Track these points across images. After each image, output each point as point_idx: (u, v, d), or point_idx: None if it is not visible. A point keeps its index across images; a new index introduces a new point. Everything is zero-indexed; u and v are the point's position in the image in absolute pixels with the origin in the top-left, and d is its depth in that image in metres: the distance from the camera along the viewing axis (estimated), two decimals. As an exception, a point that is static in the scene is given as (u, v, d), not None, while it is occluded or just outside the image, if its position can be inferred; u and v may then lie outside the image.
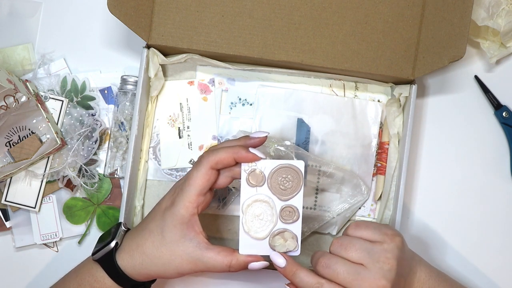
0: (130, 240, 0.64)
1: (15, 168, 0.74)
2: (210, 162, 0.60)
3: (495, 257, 0.79)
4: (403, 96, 0.75)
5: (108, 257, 0.63)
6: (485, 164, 0.80)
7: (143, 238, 0.63)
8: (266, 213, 0.62)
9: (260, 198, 0.61)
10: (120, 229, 0.66)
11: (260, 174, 0.60)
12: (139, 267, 0.62)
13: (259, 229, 0.62)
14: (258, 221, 0.62)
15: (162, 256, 0.62)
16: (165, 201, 0.63)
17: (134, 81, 0.76)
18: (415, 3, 0.72)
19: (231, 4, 0.72)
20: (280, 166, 0.60)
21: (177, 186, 0.64)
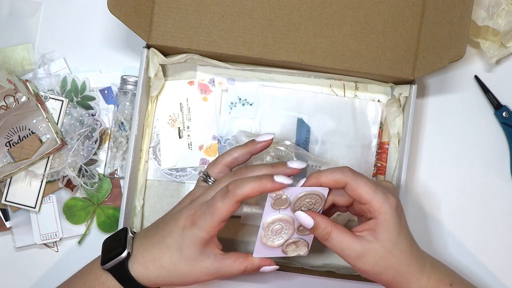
0: (144, 252, 0.62)
1: (15, 168, 0.74)
2: (238, 197, 0.59)
3: (495, 257, 0.79)
4: (403, 96, 0.75)
5: (120, 266, 0.62)
6: (485, 164, 0.80)
7: (160, 252, 0.62)
8: (285, 229, 0.63)
9: (282, 218, 0.62)
10: (129, 236, 0.64)
11: (285, 199, 0.60)
12: (154, 279, 0.62)
13: (275, 240, 0.63)
14: (276, 235, 0.63)
15: (181, 271, 0.62)
16: (184, 219, 0.62)
17: (134, 81, 0.76)
18: (415, 3, 0.72)
19: (231, 4, 0.72)
20: (306, 192, 0.60)
21: (198, 208, 0.61)
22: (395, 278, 0.60)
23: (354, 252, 0.59)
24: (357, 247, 0.59)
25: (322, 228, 0.60)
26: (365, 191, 0.58)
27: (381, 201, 0.58)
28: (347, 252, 0.60)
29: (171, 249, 0.62)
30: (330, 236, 0.60)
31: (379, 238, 0.59)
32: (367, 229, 0.59)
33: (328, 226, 0.60)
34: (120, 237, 0.64)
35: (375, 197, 0.58)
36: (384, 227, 0.59)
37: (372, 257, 0.59)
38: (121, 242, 0.63)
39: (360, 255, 0.59)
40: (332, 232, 0.60)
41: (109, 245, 0.65)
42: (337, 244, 0.60)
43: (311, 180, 0.60)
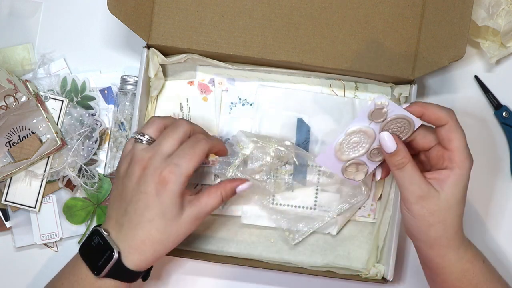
0: (131, 241, 0.61)
1: (15, 168, 0.74)
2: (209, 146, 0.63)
3: (495, 257, 0.79)
4: (403, 96, 0.75)
5: (116, 267, 0.61)
6: (485, 164, 0.80)
7: (145, 230, 0.61)
8: (362, 145, 0.62)
9: (368, 131, 0.61)
10: (106, 236, 0.62)
11: (384, 113, 0.59)
12: (152, 257, 0.62)
13: (344, 152, 0.63)
14: (350, 148, 0.62)
15: (171, 234, 0.62)
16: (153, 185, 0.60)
17: (134, 81, 0.76)
18: (415, 3, 0.72)
19: (231, 4, 0.72)
20: (404, 116, 0.60)
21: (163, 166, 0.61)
22: (440, 239, 0.60)
23: (420, 190, 0.59)
24: (424, 187, 0.59)
25: (401, 156, 0.59)
26: (459, 139, 0.58)
27: (466, 157, 0.59)
28: (412, 189, 0.59)
29: (155, 220, 0.61)
30: (405, 167, 0.59)
31: (445, 190, 0.59)
32: (437, 178, 0.59)
33: (407, 156, 0.59)
34: (97, 240, 0.62)
35: (463, 150, 0.58)
36: (455, 181, 0.59)
37: (432, 204, 0.59)
38: (102, 245, 0.61)
39: (423, 197, 0.59)
40: (409, 163, 0.59)
41: (90, 252, 0.63)
42: (407, 177, 0.59)
43: (415, 108, 0.59)
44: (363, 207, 0.77)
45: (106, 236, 0.62)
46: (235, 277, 0.79)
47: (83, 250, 0.63)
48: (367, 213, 0.77)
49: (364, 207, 0.77)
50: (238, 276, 0.79)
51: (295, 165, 0.75)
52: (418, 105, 0.60)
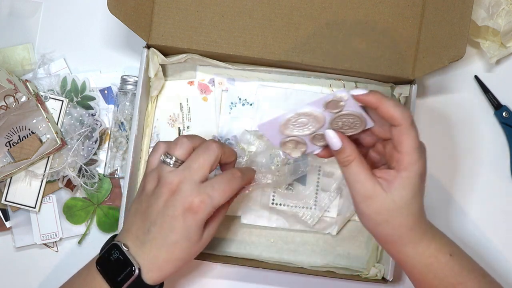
0: (153, 259, 0.61)
1: (15, 168, 0.74)
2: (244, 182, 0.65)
3: (495, 257, 0.79)
4: (403, 96, 0.75)
5: (136, 283, 0.61)
6: (485, 164, 0.80)
7: (169, 251, 0.61)
8: (308, 127, 0.61)
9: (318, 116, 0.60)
10: (126, 251, 0.62)
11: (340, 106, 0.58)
12: (169, 273, 0.62)
13: (289, 128, 0.61)
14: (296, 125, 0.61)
15: (192, 254, 0.63)
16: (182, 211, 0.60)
17: (134, 81, 0.76)
18: (415, 3, 0.72)
19: (231, 4, 0.72)
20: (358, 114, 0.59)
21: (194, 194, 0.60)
22: (391, 236, 0.60)
23: (365, 189, 0.58)
24: (369, 186, 0.58)
25: (346, 154, 0.59)
26: (409, 142, 0.57)
27: (414, 160, 0.57)
28: (357, 187, 0.58)
29: (179, 242, 0.61)
30: (350, 164, 0.59)
31: (392, 191, 0.57)
32: (385, 178, 0.58)
33: (353, 154, 0.59)
34: (117, 255, 0.62)
35: (412, 153, 0.57)
36: (402, 184, 0.57)
37: (378, 204, 0.58)
38: (122, 260, 0.61)
39: (368, 196, 0.58)
40: (354, 161, 0.58)
41: (109, 267, 0.62)
42: (352, 175, 0.59)
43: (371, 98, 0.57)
44: (363, 207, 0.77)
45: (126, 252, 0.62)
46: (235, 277, 0.79)
47: (101, 263, 0.63)
48: (367, 213, 0.77)
49: (364, 207, 0.77)
50: (238, 276, 0.79)
51: (295, 164, 0.75)
52: (375, 96, 0.57)
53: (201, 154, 0.62)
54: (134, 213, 0.64)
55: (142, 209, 0.63)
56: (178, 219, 0.60)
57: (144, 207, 0.63)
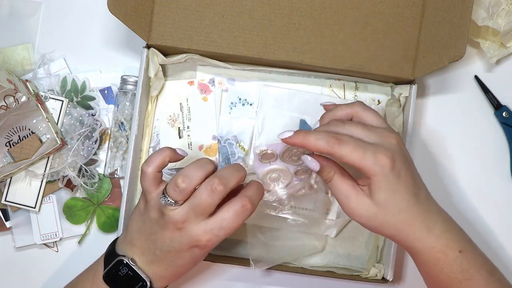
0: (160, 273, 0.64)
1: (15, 168, 0.74)
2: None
3: (495, 257, 0.79)
4: (403, 96, 0.75)
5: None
6: (485, 164, 0.80)
7: (176, 271, 0.64)
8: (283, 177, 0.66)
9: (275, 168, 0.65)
10: (135, 267, 0.63)
11: (271, 153, 0.61)
12: (175, 279, 0.65)
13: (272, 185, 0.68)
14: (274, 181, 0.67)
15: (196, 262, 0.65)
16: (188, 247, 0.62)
17: (134, 81, 0.76)
18: (415, 3, 0.72)
19: (231, 4, 0.72)
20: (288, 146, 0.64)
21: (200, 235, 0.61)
22: (395, 234, 0.60)
23: (348, 201, 0.59)
24: (353, 196, 0.58)
25: (326, 171, 0.59)
26: (352, 160, 0.57)
27: (371, 165, 0.56)
28: (343, 200, 0.59)
29: (186, 266, 0.64)
30: (332, 180, 0.59)
31: (373, 197, 0.58)
32: (365, 184, 0.59)
33: (332, 170, 0.59)
34: (125, 271, 0.63)
35: (364, 162, 0.56)
36: (377, 187, 0.57)
37: (365, 212, 0.58)
38: (132, 276, 0.63)
39: (354, 207, 0.59)
40: (335, 175, 0.59)
41: (119, 282, 0.64)
42: (336, 188, 0.59)
43: (296, 139, 0.59)
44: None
45: (134, 267, 0.63)
46: (235, 277, 0.79)
47: (110, 279, 0.64)
48: (367, 213, 0.77)
49: (364, 207, 0.77)
50: (238, 276, 0.79)
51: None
52: (299, 137, 0.58)
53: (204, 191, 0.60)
54: (138, 230, 0.64)
55: (146, 231, 0.63)
56: (184, 253, 0.62)
57: (147, 229, 0.63)
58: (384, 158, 0.57)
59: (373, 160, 0.57)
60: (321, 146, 0.57)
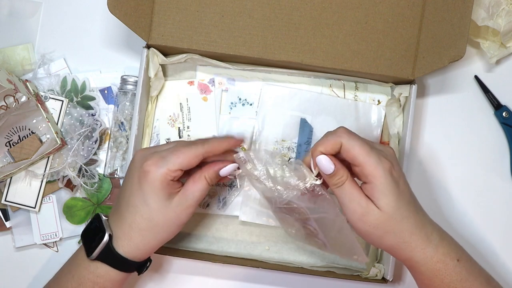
0: (120, 224, 0.62)
1: (15, 168, 0.74)
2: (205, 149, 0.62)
3: (494, 257, 0.79)
4: (403, 96, 0.75)
5: (107, 251, 0.62)
6: (485, 164, 0.80)
7: (131, 215, 0.62)
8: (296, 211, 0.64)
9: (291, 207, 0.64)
10: (103, 220, 0.64)
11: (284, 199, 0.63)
12: (142, 245, 0.62)
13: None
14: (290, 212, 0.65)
15: (158, 223, 0.62)
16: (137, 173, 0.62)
17: (134, 81, 0.76)
18: (415, 3, 0.72)
19: (231, 4, 0.72)
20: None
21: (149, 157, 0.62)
22: (397, 244, 0.59)
23: (360, 207, 0.58)
24: (363, 203, 0.58)
25: (339, 175, 0.59)
26: (358, 153, 0.57)
27: (374, 164, 0.57)
28: (352, 207, 0.58)
29: (139, 207, 0.61)
30: (343, 185, 0.59)
31: (378, 204, 0.58)
32: (367, 193, 0.59)
33: (345, 175, 0.59)
34: (96, 223, 0.64)
35: (368, 160, 0.57)
36: (380, 192, 0.57)
37: (374, 218, 0.58)
38: (98, 228, 0.63)
39: (363, 213, 0.58)
40: (347, 181, 0.59)
41: (87, 235, 0.64)
42: (347, 195, 0.59)
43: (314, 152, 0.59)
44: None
45: (103, 220, 0.64)
46: (235, 277, 0.79)
47: (84, 232, 0.65)
48: (367, 213, 0.77)
49: (364, 207, 0.77)
50: (238, 276, 0.79)
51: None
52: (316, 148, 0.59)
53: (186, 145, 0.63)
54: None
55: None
56: (134, 183, 0.62)
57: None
58: (386, 161, 0.58)
59: (377, 159, 0.57)
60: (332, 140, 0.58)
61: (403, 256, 0.60)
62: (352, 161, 0.58)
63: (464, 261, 0.61)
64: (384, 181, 0.57)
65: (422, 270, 0.60)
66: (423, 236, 0.59)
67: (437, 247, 0.60)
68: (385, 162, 0.58)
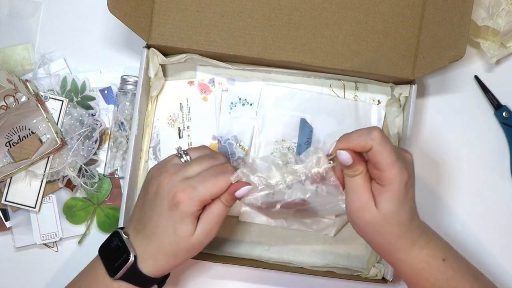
0: (146, 246, 0.63)
1: (15, 168, 0.74)
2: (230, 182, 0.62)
3: (494, 257, 0.79)
4: (403, 96, 0.75)
5: (132, 271, 0.62)
6: (485, 164, 0.80)
7: (158, 241, 0.62)
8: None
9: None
10: (125, 239, 0.64)
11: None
12: (166, 266, 0.63)
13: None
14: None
15: (183, 250, 0.62)
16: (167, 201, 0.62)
17: (134, 81, 0.76)
18: (415, 3, 0.72)
19: (231, 4, 0.72)
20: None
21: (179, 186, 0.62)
22: (382, 244, 0.61)
23: (359, 202, 0.59)
24: (364, 199, 0.59)
25: (355, 168, 0.59)
26: (385, 161, 0.57)
27: (395, 174, 0.57)
28: (354, 198, 0.59)
29: (166, 234, 0.62)
30: (356, 177, 0.59)
31: (379, 205, 0.58)
32: (374, 192, 0.59)
33: (360, 168, 0.59)
34: (116, 242, 0.64)
35: (391, 169, 0.57)
36: (387, 197, 0.58)
37: (368, 216, 0.59)
38: (121, 247, 0.63)
39: (361, 208, 0.59)
40: (360, 174, 0.59)
41: (108, 253, 0.64)
42: (354, 186, 0.59)
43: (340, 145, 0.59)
44: (363, 207, 0.77)
45: (125, 239, 0.63)
46: (235, 277, 0.79)
47: (103, 250, 0.65)
48: (367, 213, 0.77)
49: (364, 207, 0.77)
50: (238, 276, 0.79)
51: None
52: (342, 142, 0.59)
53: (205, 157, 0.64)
54: (137, 202, 0.66)
55: (141, 198, 0.65)
56: (164, 210, 0.62)
57: (142, 196, 0.65)
58: (406, 174, 0.58)
59: (399, 171, 0.58)
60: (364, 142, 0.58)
61: (388, 255, 0.62)
62: (375, 164, 0.58)
63: (450, 260, 0.62)
64: (396, 190, 0.58)
65: (406, 270, 0.62)
66: (410, 240, 0.60)
67: (421, 248, 0.61)
68: (404, 173, 0.58)
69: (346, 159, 0.59)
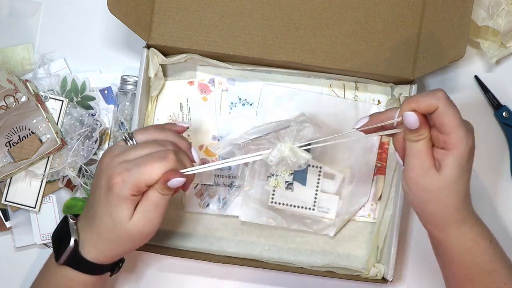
0: (87, 231, 0.61)
1: (15, 168, 0.74)
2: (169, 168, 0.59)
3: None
4: (403, 96, 0.75)
5: (73, 256, 0.61)
6: (485, 164, 0.80)
7: (97, 224, 0.60)
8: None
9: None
10: (70, 223, 0.62)
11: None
12: (108, 252, 0.62)
13: None
14: None
15: (121, 236, 0.60)
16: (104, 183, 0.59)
17: (134, 81, 0.76)
18: (415, 3, 0.72)
19: (231, 4, 0.72)
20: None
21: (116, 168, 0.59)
22: (436, 216, 0.60)
23: (420, 168, 0.58)
24: (425, 165, 0.58)
25: (420, 133, 0.58)
26: (450, 122, 0.56)
27: (461, 137, 0.57)
28: (415, 163, 0.58)
29: (104, 217, 0.60)
30: (419, 142, 0.58)
31: (442, 170, 0.58)
32: (437, 158, 0.58)
33: (425, 134, 0.58)
34: (63, 226, 0.63)
35: (457, 131, 0.57)
36: (452, 161, 0.57)
37: (428, 183, 0.58)
38: (65, 232, 0.62)
39: (421, 175, 0.58)
40: (424, 140, 0.58)
41: (56, 238, 0.63)
42: (416, 151, 0.58)
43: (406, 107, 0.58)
44: (363, 207, 0.77)
45: (70, 223, 0.62)
46: (235, 277, 0.79)
47: (53, 234, 0.64)
48: (367, 213, 0.77)
49: (364, 207, 0.77)
50: (238, 276, 0.79)
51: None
52: (407, 103, 0.58)
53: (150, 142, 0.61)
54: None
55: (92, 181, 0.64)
56: (102, 192, 0.60)
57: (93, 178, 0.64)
58: (472, 138, 0.58)
59: (465, 133, 0.57)
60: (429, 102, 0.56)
61: (437, 228, 0.61)
62: (440, 126, 0.57)
63: (495, 243, 0.62)
64: (462, 154, 0.57)
65: (454, 246, 0.61)
66: (463, 216, 0.60)
67: (472, 226, 0.60)
68: (470, 137, 0.58)
69: (413, 120, 0.57)
